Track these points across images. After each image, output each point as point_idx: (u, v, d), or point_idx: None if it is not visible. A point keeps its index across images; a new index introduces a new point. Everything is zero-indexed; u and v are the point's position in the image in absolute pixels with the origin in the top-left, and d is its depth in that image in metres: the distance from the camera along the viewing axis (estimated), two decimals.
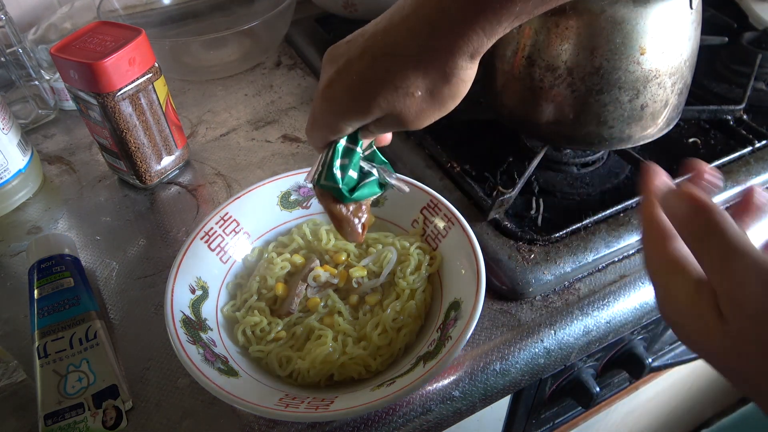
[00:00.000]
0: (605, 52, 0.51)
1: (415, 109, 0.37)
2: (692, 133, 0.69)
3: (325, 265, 0.53)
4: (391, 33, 0.36)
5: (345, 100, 0.38)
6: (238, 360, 0.47)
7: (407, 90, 0.36)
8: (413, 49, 0.35)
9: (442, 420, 0.48)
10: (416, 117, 0.38)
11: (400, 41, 0.35)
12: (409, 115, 0.38)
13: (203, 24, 0.93)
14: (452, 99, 0.38)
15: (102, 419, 0.45)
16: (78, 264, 0.56)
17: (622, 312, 0.54)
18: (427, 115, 0.38)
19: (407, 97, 0.36)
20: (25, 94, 0.77)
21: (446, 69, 0.35)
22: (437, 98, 0.37)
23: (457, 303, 0.48)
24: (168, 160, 0.67)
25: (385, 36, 0.36)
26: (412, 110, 0.37)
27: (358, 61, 0.37)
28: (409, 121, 0.38)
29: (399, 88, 0.36)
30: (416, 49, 0.35)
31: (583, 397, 0.64)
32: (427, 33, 0.34)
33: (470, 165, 0.64)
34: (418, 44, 0.35)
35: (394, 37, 0.36)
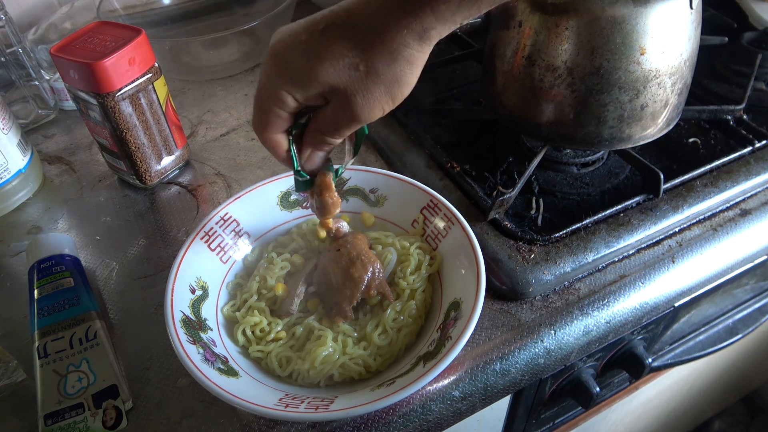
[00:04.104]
0: (605, 52, 0.51)
1: (361, 87, 0.36)
2: (692, 133, 0.69)
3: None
4: (345, 9, 0.36)
5: (292, 64, 0.37)
6: (238, 360, 0.47)
7: (351, 62, 0.35)
8: (363, 21, 0.35)
9: (442, 420, 0.48)
10: (363, 97, 0.37)
11: (353, 14, 0.35)
12: (355, 93, 0.36)
13: (203, 24, 0.93)
14: (398, 83, 0.37)
15: (102, 419, 0.45)
16: (78, 264, 0.56)
17: (622, 312, 0.54)
18: (374, 97, 0.37)
19: (352, 71, 0.36)
20: (25, 94, 0.77)
21: (392, 46, 0.35)
22: (383, 78, 0.36)
23: (457, 303, 0.48)
24: (168, 160, 0.67)
25: (339, 9, 0.36)
26: (358, 87, 0.36)
27: (308, 28, 0.36)
28: (356, 101, 0.37)
29: (344, 58, 0.35)
30: (365, 21, 0.35)
31: (583, 397, 0.64)
32: (379, 7, 0.35)
33: (470, 165, 0.64)
34: (368, 17, 0.35)
35: (347, 10, 0.36)
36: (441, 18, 0.34)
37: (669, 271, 0.56)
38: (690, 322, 0.73)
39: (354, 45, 0.35)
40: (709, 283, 0.59)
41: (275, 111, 0.39)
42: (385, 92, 0.37)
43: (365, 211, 0.58)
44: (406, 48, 0.35)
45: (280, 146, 0.42)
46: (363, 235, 0.54)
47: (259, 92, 0.40)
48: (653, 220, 0.57)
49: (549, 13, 0.52)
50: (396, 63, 0.36)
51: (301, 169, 0.45)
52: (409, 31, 0.35)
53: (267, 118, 0.40)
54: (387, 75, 0.36)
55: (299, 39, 0.36)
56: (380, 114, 0.38)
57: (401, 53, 0.35)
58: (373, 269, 0.50)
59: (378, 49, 0.35)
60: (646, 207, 0.58)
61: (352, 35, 0.35)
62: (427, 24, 0.34)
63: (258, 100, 0.40)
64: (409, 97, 0.39)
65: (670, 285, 0.56)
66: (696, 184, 0.60)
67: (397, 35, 0.35)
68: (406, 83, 0.37)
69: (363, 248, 0.51)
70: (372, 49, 0.35)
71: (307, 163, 0.44)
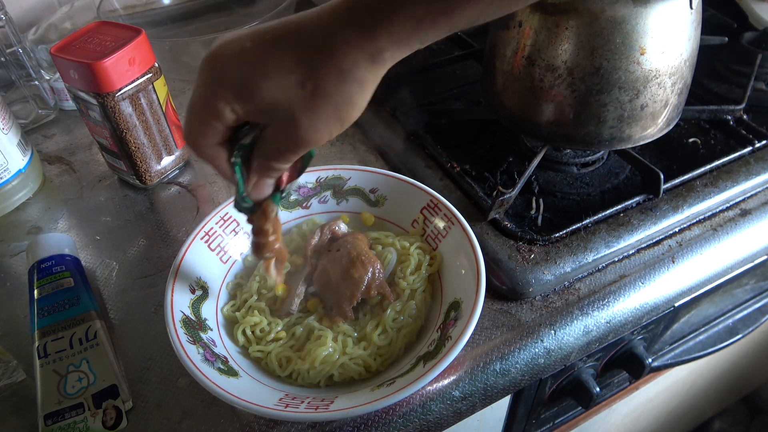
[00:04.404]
0: (605, 52, 0.51)
1: (307, 107, 0.34)
2: (692, 133, 0.69)
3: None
4: (294, 23, 0.34)
5: (230, 73, 0.34)
6: (238, 360, 0.47)
7: (298, 79, 0.33)
8: (313, 37, 0.33)
9: (442, 420, 0.48)
10: (309, 118, 0.34)
11: (303, 29, 0.33)
12: (301, 114, 0.34)
13: (203, 24, 0.93)
14: (347, 105, 0.34)
15: (102, 419, 0.45)
16: (78, 264, 0.56)
17: (622, 312, 0.54)
18: (321, 119, 0.34)
19: (297, 89, 0.33)
20: (25, 94, 0.77)
21: (342, 65, 0.33)
22: (331, 99, 0.34)
23: (457, 303, 0.48)
24: (168, 160, 0.67)
25: (289, 22, 0.34)
26: (304, 107, 0.34)
27: (254, 37, 0.34)
28: (302, 123, 0.34)
29: (291, 74, 0.33)
30: (316, 37, 0.33)
31: (583, 397, 0.64)
32: (331, 23, 0.33)
33: (470, 165, 0.64)
34: (319, 33, 0.33)
35: (297, 24, 0.33)
36: (396, 40, 0.32)
37: (669, 271, 0.56)
38: (690, 322, 0.73)
39: (302, 61, 0.33)
40: (709, 283, 0.59)
41: (210, 123, 0.36)
42: (333, 114, 0.34)
43: (365, 211, 0.58)
44: (357, 69, 0.33)
45: (217, 158, 0.38)
46: (363, 235, 0.54)
47: (193, 100, 0.36)
48: (653, 220, 0.57)
49: (549, 13, 0.52)
50: (346, 83, 0.33)
51: (246, 196, 0.40)
52: (361, 51, 0.33)
53: (202, 129, 0.36)
54: (335, 96, 0.34)
55: (244, 47, 0.34)
56: (327, 138, 0.36)
57: (352, 74, 0.33)
58: (373, 269, 0.50)
59: (326, 68, 0.33)
60: (646, 207, 0.58)
61: (300, 51, 0.33)
62: (381, 45, 0.33)
63: (191, 109, 0.36)
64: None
65: (670, 285, 0.56)
66: (696, 184, 0.60)
67: (348, 55, 0.33)
68: (355, 105, 0.35)
69: (363, 248, 0.51)
70: (321, 68, 0.33)
71: (254, 191, 0.40)
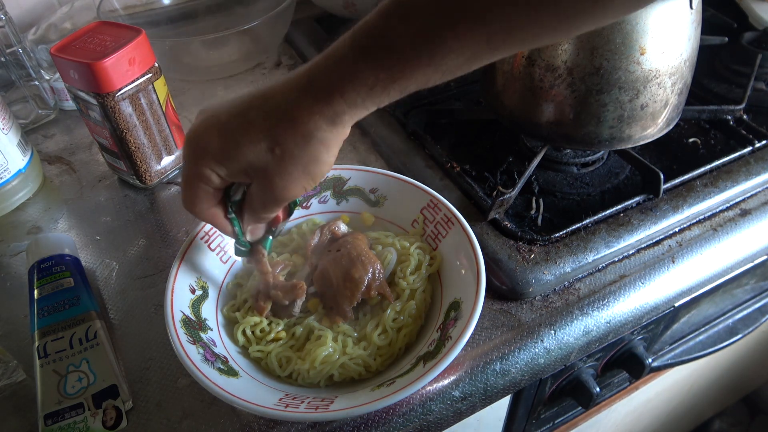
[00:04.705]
0: (605, 52, 0.51)
1: (278, 169, 0.38)
2: (692, 133, 0.69)
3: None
4: (261, 95, 0.38)
5: (211, 146, 0.39)
6: (238, 360, 0.47)
7: (268, 145, 0.38)
8: (277, 106, 0.37)
9: (442, 420, 0.48)
10: (281, 178, 0.39)
11: (269, 99, 0.38)
12: (273, 175, 0.39)
13: (203, 24, 0.93)
14: (314, 163, 0.39)
15: (102, 419, 0.45)
16: (78, 264, 0.56)
17: (622, 312, 0.54)
18: (292, 177, 0.39)
19: (268, 154, 0.38)
20: (25, 94, 0.77)
21: (305, 129, 0.37)
22: (299, 160, 0.38)
23: (457, 303, 0.48)
24: (168, 160, 0.67)
25: (258, 93, 0.39)
26: (275, 169, 0.38)
27: (228, 110, 0.39)
28: (275, 182, 0.39)
29: (262, 141, 0.38)
30: (280, 107, 0.37)
31: (583, 397, 0.64)
32: (291, 93, 0.37)
33: (470, 165, 0.64)
34: (282, 102, 0.37)
35: (264, 97, 0.38)
36: (351, 104, 0.36)
37: (669, 271, 0.56)
38: (690, 322, 0.73)
39: (269, 128, 0.37)
40: (709, 283, 0.59)
41: (202, 187, 0.41)
42: (303, 172, 0.39)
43: (365, 211, 0.58)
44: (319, 131, 0.37)
45: (217, 218, 0.44)
46: (363, 235, 0.54)
47: (184, 172, 0.42)
48: (653, 220, 0.57)
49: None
50: (310, 145, 0.38)
51: (244, 240, 0.48)
52: (321, 116, 0.37)
53: (195, 194, 0.42)
54: (302, 156, 0.38)
55: (219, 120, 0.39)
56: (302, 192, 0.41)
57: (314, 136, 0.37)
58: (373, 270, 0.50)
59: (291, 133, 0.37)
60: (646, 207, 0.58)
61: (267, 120, 0.37)
62: (338, 109, 0.37)
63: (184, 179, 0.42)
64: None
65: (670, 285, 0.56)
66: (696, 184, 0.60)
67: (309, 120, 0.37)
68: (323, 162, 0.39)
69: (363, 248, 0.51)
70: (285, 133, 0.37)
71: (249, 235, 0.47)
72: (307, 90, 0.37)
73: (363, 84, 0.36)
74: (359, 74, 0.35)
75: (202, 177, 0.40)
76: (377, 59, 0.35)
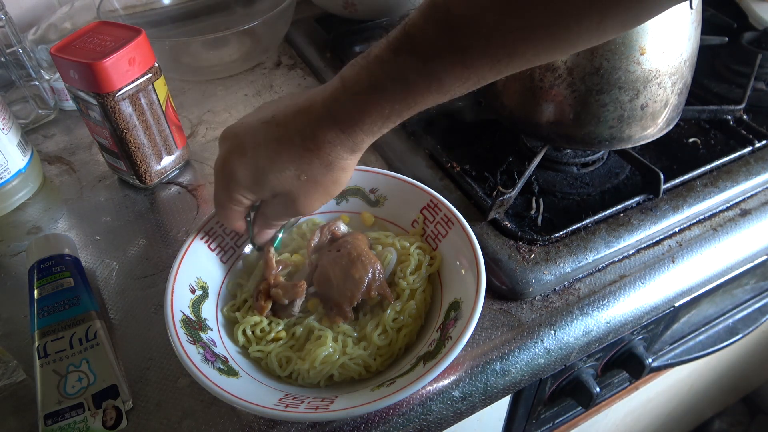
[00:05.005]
0: (605, 52, 0.51)
1: (302, 191, 0.43)
2: (692, 133, 0.69)
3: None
4: (282, 123, 0.42)
5: (240, 176, 0.43)
6: (238, 360, 0.47)
7: (294, 173, 0.42)
8: (300, 137, 0.41)
9: (442, 420, 0.48)
10: (305, 198, 0.44)
11: (291, 132, 0.41)
12: (298, 196, 0.43)
13: (203, 24, 0.93)
14: (335, 185, 0.44)
15: (102, 419, 0.45)
16: (78, 264, 0.56)
17: (622, 312, 0.54)
18: (314, 198, 0.44)
19: (294, 180, 0.42)
20: (25, 94, 0.77)
21: (328, 159, 0.41)
22: (321, 184, 0.43)
23: (457, 303, 0.48)
24: (168, 160, 0.67)
25: (277, 125, 0.42)
26: (300, 191, 0.43)
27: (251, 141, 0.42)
28: (299, 201, 0.44)
29: (286, 170, 0.42)
30: (302, 137, 0.41)
31: (583, 397, 0.64)
32: (313, 128, 0.40)
33: (470, 165, 0.64)
34: (304, 136, 0.41)
35: (285, 128, 0.41)
36: (369, 132, 0.40)
37: (669, 271, 0.56)
38: (690, 322, 0.73)
39: (294, 159, 0.41)
40: (709, 283, 0.59)
41: (233, 209, 0.47)
42: (323, 192, 0.44)
43: (365, 211, 0.58)
44: (341, 159, 0.42)
45: (242, 228, 0.51)
46: (363, 235, 0.54)
47: (217, 196, 0.47)
48: (653, 220, 0.57)
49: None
50: (332, 171, 0.42)
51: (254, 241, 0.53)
52: (342, 147, 0.41)
53: (228, 214, 0.48)
54: (325, 180, 0.43)
55: (245, 151, 0.43)
56: (318, 207, 0.46)
57: (336, 164, 0.42)
58: (373, 270, 0.50)
59: (316, 163, 0.41)
60: (646, 207, 0.58)
61: (291, 150, 0.41)
62: (357, 139, 0.41)
63: (218, 202, 0.47)
64: None
65: (670, 285, 0.56)
66: (696, 184, 0.60)
67: (332, 151, 0.41)
68: (341, 183, 0.44)
69: (363, 249, 0.51)
70: (311, 164, 0.41)
71: (257, 238, 0.52)
72: (327, 122, 0.40)
73: (380, 115, 0.39)
74: (376, 107, 0.39)
75: (233, 200, 0.46)
76: (393, 93, 0.38)
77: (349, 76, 0.39)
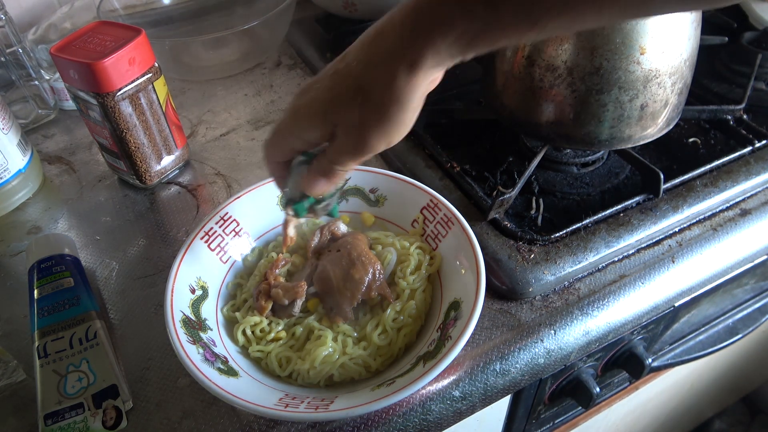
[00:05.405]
0: (605, 52, 0.51)
1: (363, 119, 0.40)
2: (692, 133, 0.69)
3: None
4: (346, 56, 0.40)
5: (302, 110, 0.42)
6: (238, 360, 0.47)
7: (353, 98, 0.39)
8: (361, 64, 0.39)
9: (442, 420, 0.48)
10: (365, 128, 0.40)
11: (352, 61, 0.40)
12: (358, 126, 0.40)
13: (203, 24, 0.93)
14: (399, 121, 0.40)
15: (102, 419, 0.45)
16: (78, 264, 0.56)
17: (622, 312, 0.54)
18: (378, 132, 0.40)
19: (354, 107, 0.39)
20: (25, 94, 0.77)
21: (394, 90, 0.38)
22: (382, 110, 0.39)
23: (457, 303, 0.48)
24: (168, 160, 0.67)
25: (341, 60, 0.41)
26: (359, 119, 0.40)
27: (318, 81, 0.42)
28: (359, 131, 0.41)
29: (344, 96, 0.40)
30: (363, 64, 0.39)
31: (583, 397, 0.64)
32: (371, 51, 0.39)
33: (470, 165, 0.64)
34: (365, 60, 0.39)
35: (347, 59, 0.40)
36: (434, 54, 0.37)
37: (669, 271, 0.56)
38: (690, 322, 0.73)
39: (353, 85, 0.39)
40: (709, 283, 0.59)
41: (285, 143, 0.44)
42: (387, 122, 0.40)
43: (365, 211, 0.58)
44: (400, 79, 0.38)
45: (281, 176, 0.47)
46: (363, 236, 0.54)
47: (279, 130, 0.44)
48: (653, 220, 0.57)
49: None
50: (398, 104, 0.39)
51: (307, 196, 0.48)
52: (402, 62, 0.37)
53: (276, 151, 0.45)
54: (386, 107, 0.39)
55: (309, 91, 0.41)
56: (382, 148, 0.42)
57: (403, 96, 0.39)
58: (373, 270, 0.50)
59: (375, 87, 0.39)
60: (646, 207, 0.58)
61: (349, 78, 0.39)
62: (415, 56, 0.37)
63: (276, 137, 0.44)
64: None
65: (670, 285, 0.56)
66: (696, 184, 0.60)
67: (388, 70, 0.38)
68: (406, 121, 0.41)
69: (363, 249, 0.51)
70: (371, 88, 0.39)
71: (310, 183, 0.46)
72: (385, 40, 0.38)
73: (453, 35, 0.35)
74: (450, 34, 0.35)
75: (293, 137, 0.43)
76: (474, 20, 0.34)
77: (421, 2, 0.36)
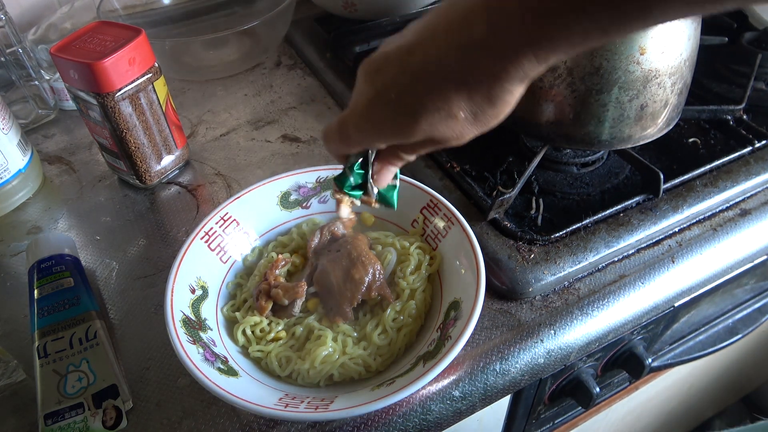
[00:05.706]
0: (605, 52, 0.51)
1: (458, 130, 0.35)
2: (692, 133, 0.69)
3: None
4: (432, 48, 0.32)
5: (386, 122, 0.36)
6: (238, 360, 0.47)
7: (450, 111, 0.33)
8: (456, 68, 0.32)
9: (442, 420, 0.48)
10: (458, 138, 0.36)
11: (443, 58, 0.32)
12: (450, 137, 0.36)
13: (203, 24, 0.93)
14: (495, 119, 0.35)
15: (102, 419, 0.45)
16: (78, 264, 0.56)
17: (622, 312, 0.54)
18: (468, 134, 0.36)
19: (450, 119, 0.34)
20: (25, 94, 0.77)
21: (492, 92, 0.32)
22: (480, 119, 0.35)
23: (456, 303, 0.48)
24: (168, 160, 0.67)
25: (425, 51, 0.33)
26: (454, 131, 0.35)
27: (398, 80, 0.34)
28: (450, 142, 0.36)
29: (441, 110, 0.33)
30: (460, 68, 0.32)
31: (583, 397, 0.64)
32: (474, 53, 0.31)
33: (470, 165, 0.64)
34: (462, 64, 0.32)
35: (435, 53, 0.32)
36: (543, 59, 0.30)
37: (669, 271, 0.56)
38: (690, 322, 0.73)
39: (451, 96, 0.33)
40: (709, 283, 0.59)
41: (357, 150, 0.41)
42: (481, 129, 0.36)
43: (365, 211, 0.58)
44: (507, 94, 0.33)
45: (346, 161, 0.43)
46: (363, 236, 0.54)
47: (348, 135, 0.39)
48: (653, 220, 0.57)
49: None
50: (496, 107, 0.34)
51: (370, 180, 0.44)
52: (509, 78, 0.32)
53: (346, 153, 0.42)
54: (486, 116, 0.35)
55: (389, 98, 0.35)
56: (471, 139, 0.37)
57: (502, 98, 0.33)
58: (373, 270, 0.50)
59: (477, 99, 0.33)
60: (646, 207, 0.58)
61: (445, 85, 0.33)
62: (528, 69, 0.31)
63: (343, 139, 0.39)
64: None
65: (670, 285, 0.56)
66: (696, 184, 0.60)
67: (496, 83, 0.32)
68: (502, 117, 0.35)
69: (363, 249, 0.51)
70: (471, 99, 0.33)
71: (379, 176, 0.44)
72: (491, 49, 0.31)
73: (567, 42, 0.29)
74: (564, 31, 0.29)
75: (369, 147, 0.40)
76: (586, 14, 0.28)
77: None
